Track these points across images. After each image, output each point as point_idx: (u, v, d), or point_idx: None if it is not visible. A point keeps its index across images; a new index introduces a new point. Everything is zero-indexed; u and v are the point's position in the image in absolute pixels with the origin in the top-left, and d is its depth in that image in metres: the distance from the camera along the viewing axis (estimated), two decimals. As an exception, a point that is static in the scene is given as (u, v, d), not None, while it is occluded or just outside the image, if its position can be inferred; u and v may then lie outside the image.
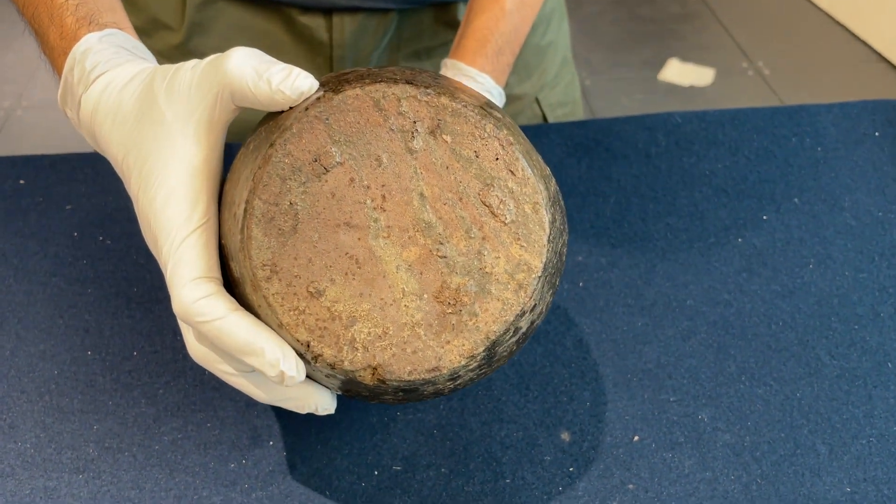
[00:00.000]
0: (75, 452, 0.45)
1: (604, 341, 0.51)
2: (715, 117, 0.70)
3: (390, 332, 0.34)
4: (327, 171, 0.33)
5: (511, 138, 0.35)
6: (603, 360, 0.50)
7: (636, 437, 0.46)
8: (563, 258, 0.37)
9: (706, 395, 0.48)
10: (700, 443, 0.46)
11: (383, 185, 0.34)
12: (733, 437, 0.46)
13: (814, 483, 0.44)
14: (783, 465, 0.44)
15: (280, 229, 0.33)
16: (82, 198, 0.62)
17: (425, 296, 0.34)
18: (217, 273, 0.35)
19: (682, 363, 0.50)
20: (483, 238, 0.34)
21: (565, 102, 0.76)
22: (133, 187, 0.37)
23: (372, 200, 0.34)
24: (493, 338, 0.34)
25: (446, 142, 0.34)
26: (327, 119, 0.33)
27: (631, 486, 0.44)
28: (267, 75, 0.34)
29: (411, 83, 0.34)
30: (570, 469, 0.44)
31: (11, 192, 0.63)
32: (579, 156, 0.66)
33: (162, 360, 0.50)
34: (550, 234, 0.35)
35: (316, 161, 0.33)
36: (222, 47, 0.68)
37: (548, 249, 0.34)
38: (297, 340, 0.33)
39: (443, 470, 0.45)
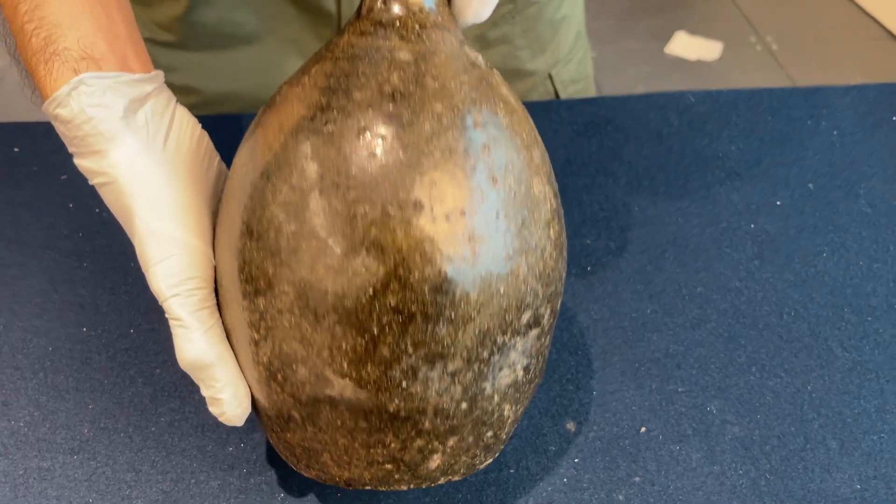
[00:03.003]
0: (70, 432, 0.44)
1: (612, 328, 0.50)
2: (729, 97, 0.69)
3: None
4: None
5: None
6: (610, 347, 0.49)
7: (643, 429, 0.45)
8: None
9: (715, 386, 0.47)
10: (708, 435, 0.45)
11: None
12: (742, 430, 0.45)
13: (824, 479, 0.43)
14: (793, 461, 0.44)
15: None
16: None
17: None
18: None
19: (692, 352, 0.49)
20: None
21: (578, 79, 0.74)
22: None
23: None
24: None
25: None
26: None
27: (637, 479, 0.43)
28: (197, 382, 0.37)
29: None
30: (576, 460, 0.44)
31: (5, 159, 0.61)
32: (590, 134, 0.64)
33: (159, 338, 0.49)
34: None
35: None
36: (225, 19, 0.66)
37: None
38: None
39: (445, 458, 0.44)
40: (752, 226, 0.57)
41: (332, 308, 0.31)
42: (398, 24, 0.33)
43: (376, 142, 0.31)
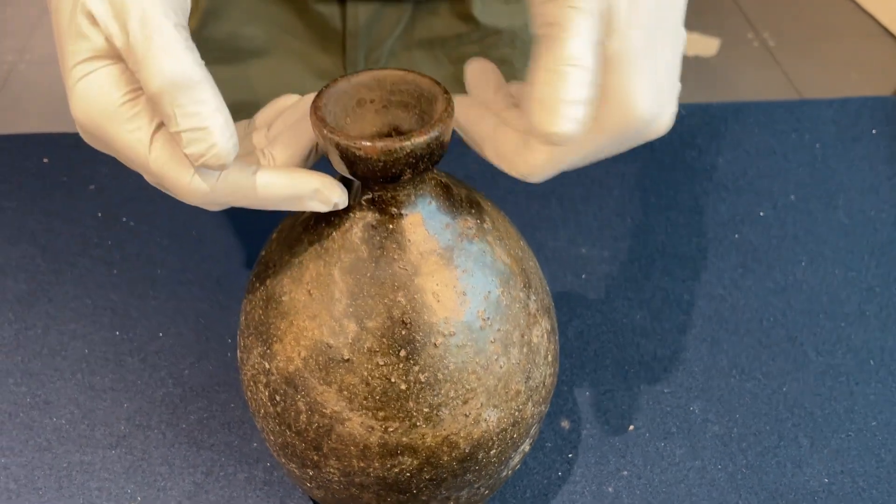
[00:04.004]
0: (108, 429, 0.49)
1: (604, 333, 0.54)
2: (718, 110, 0.72)
3: None
4: None
5: None
6: (603, 351, 0.53)
7: (631, 427, 0.49)
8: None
9: (699, 387, 0.51)
10: (691, 433, 0.49)
11: None
12: (722, 428, 0.49)
13: (795, 474, 0.47)
14: (767, 456, 0.48)
15: None
16: (105, 178, 0.64)
17: None
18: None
19: (678, 356, 0.53)
20: None
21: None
22: None
23: None
24: None
25: None
26: None
27: (625, 473, 0.47)
28: None
29: None
30: (569, 455, 0.48)
31: (36, 170, 0.65)
32: (585, 147, 0.68)
33: (186, 342, 0.53)
34: None
35: None
36: (236, 33, 0.70)
37: None
38: None
39: (451, 453, 0.48)
40: (737, 236, 0.61)
41: (376, 482, 0.36)
42: (391, 227, 0.34)
43: (396, 368, 0.34)
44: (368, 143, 0.31)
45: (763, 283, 0.58)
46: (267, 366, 0.36)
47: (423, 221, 0.34)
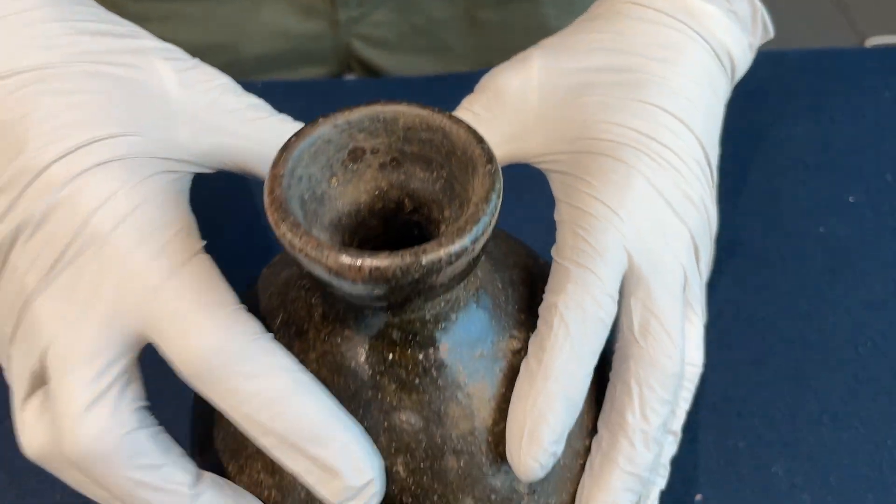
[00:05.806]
0: None
1: (661, 364, 0.44)
2: (794, 61, 0.60)
3: None
4: None
5: None
6: (661, 391, 0.43)
7: (699, 496, 0.39)
8: None
9: (781, 440, 0.41)
10: (774, 505, 0.39)
11: None
12: (813, 497, 0.39)
13: (906, 561, 0.38)
14: (872, 539, 0.38)
15: None
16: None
17: None
18: None
19: (753, 397, 0.43)
20: None
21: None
22: None
23: None
24: None
25: None
26: None
27: (692, 559, 0.38)
28: None
29: None
30: (623, 538, 0.38)
31: None
32: (633, 112, 0.56)
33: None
34: None
35: None
36: None
37: None
38: None
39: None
40: (822, 229, 0.50)
41: None
42: (391, 358, 0.23)
43: None
44: (347, 261, 0.19)
45: (856, 294, 0.47)
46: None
47: (447, 350, 0.23)
